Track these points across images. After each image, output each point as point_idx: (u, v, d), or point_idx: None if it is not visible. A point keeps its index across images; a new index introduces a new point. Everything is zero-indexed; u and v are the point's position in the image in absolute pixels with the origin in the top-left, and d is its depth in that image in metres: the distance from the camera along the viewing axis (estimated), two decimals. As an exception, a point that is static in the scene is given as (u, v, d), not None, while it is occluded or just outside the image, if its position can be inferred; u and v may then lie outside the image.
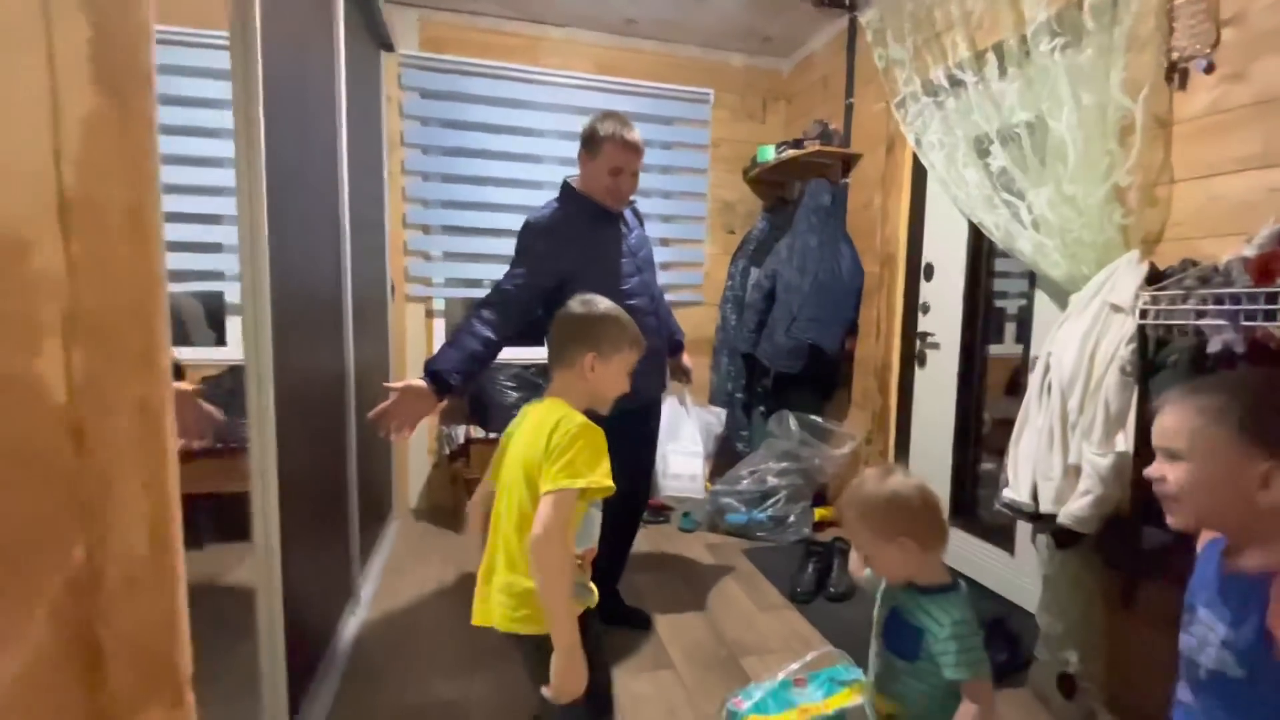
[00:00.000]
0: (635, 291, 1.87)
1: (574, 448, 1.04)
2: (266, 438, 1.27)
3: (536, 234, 1.82)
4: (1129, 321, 1.51)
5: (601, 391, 1.21)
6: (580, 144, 1.86)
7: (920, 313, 2.70)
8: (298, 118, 1.62)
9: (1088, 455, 1.49)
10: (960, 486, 2.53)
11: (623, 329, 1.21)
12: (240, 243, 1.23)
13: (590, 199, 1.85)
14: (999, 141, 2.04)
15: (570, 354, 1.18)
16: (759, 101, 3.47)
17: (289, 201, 1.50)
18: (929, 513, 1.07)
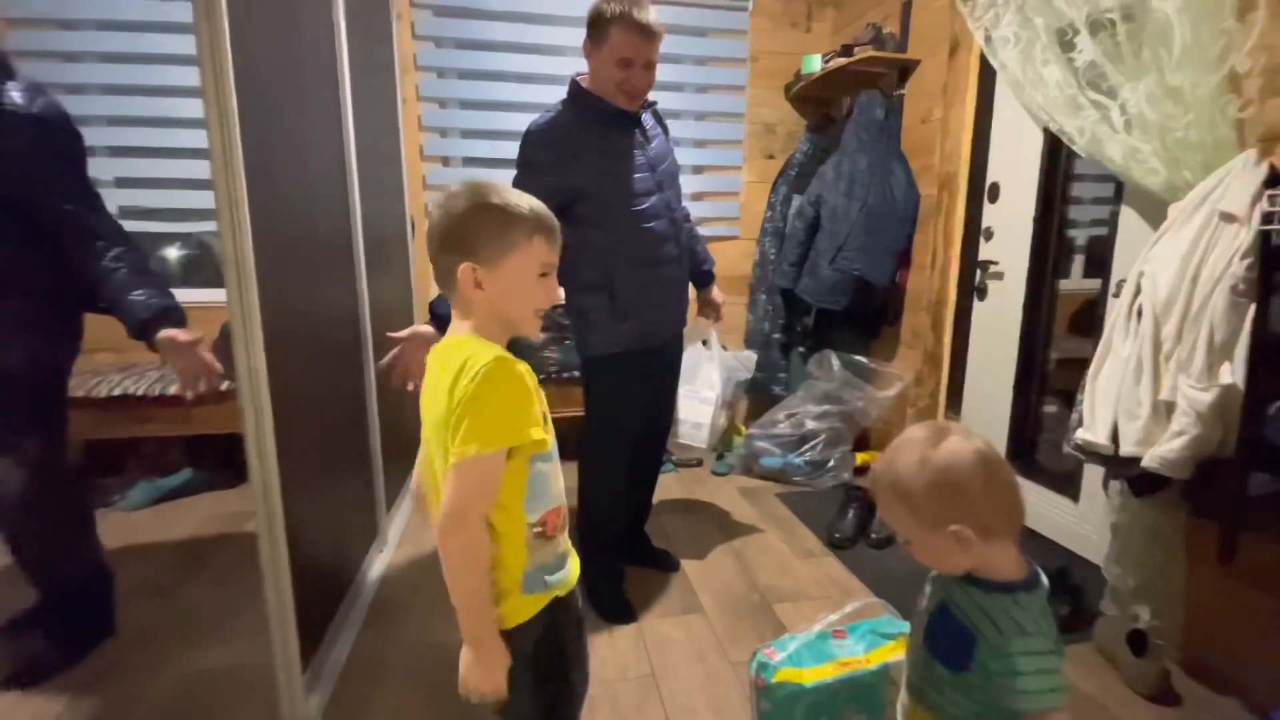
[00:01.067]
0: (654, 212, 1.66)
1: (479, 401, 0.78)
2: (256, 376, 1.19)
3: (538, 144, 1.57)
4: (1243, 232, 1.27)
5: (507, 310, 0.87)
6: (586, 29, 1.57)
7: (982, 239, 2.43)
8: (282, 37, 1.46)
9: (1185, 389, 1.29)
10: (1020, 430, 2.33)
11: (507, 216, 0.85)
12: (214, 175, 1.11)
13: (601, 99, 1.58)
14: (1087, 30, 1.74)
15: (445, 270, 0.86)
16: (804, 7, 3.12)
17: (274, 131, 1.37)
18: (996, 493, 0.78)
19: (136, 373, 2.56)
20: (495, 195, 0.86)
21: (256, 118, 1.24)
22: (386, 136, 2.53)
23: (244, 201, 1.16)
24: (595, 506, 1.79)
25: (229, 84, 1.11)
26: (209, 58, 1.09)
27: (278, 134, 1.41)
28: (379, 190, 2.32)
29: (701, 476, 2.83)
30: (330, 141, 1.84)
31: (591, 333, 1.66)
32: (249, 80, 1.19)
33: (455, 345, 0.84)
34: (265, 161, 1.29)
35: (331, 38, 1.85)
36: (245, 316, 1.18)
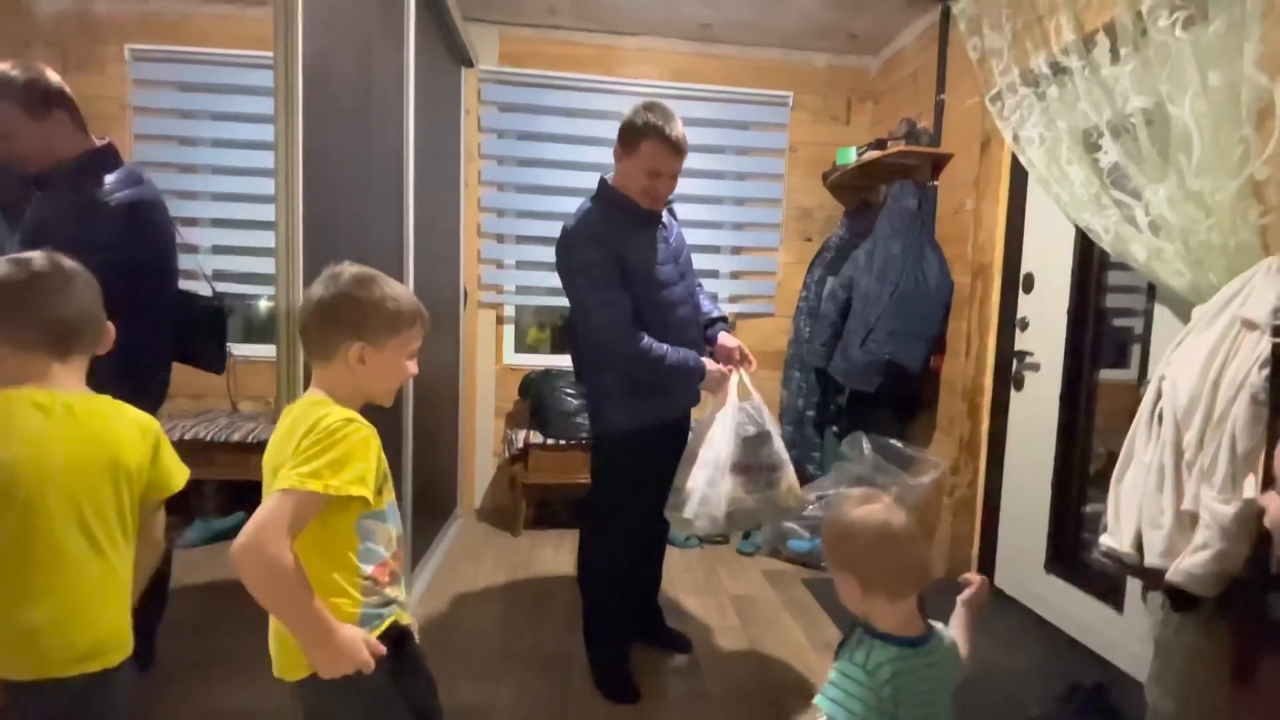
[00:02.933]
0: (678, 299, 1.75)
1: (316, 446, 0.84)
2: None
3: (585, 244, 1.64)
4: (1265, 341, 1.24)
5: (375, 386, 0.98)
6: (618, 137, 1.66)
7: (1018, 329, 2.41)
8: (355, 128, 1.69)
9: (1207, 501, 1.23)
10: (1060, 529, 2.22)
11: (398, 304, 0.97)
12: (276, 244, 1.29)
13: (627, 197, 1.68)
14: (1110, 133, 1.78)
15: (329, 344, 0.94)
16: (843, 102, 3.28)
17: (337, 207, 1.56)
18: (881, 556, 0.92)
19: (209, 418, 2.80)
20: (387, 287, 0.97)
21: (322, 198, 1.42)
22: (447, 214, 2.77)
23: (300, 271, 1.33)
24: (597, 581, 1.81)
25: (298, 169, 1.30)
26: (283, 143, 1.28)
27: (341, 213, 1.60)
28: (434, 261, 2.53)
29: (726, 555, 2.79)
30: (390, 217, 2.05)
31: (611, 410, 1.73)
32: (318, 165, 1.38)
33: (313, 404, 0.92)
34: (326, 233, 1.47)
35: (400, 128, 2.10)
36: (289, 374, 1.32)
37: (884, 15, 2.85)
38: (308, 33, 1.30)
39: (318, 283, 0.96)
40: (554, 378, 2.95)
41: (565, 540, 2.87)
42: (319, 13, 1.38)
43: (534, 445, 2.81)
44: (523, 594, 2.36)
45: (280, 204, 1.30)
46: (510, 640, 2.02)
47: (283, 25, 1.27)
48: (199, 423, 2.73)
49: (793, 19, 2.92)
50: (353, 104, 1.67)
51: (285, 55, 1.27)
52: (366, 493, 0.88)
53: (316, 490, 0.83)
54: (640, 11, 2.91)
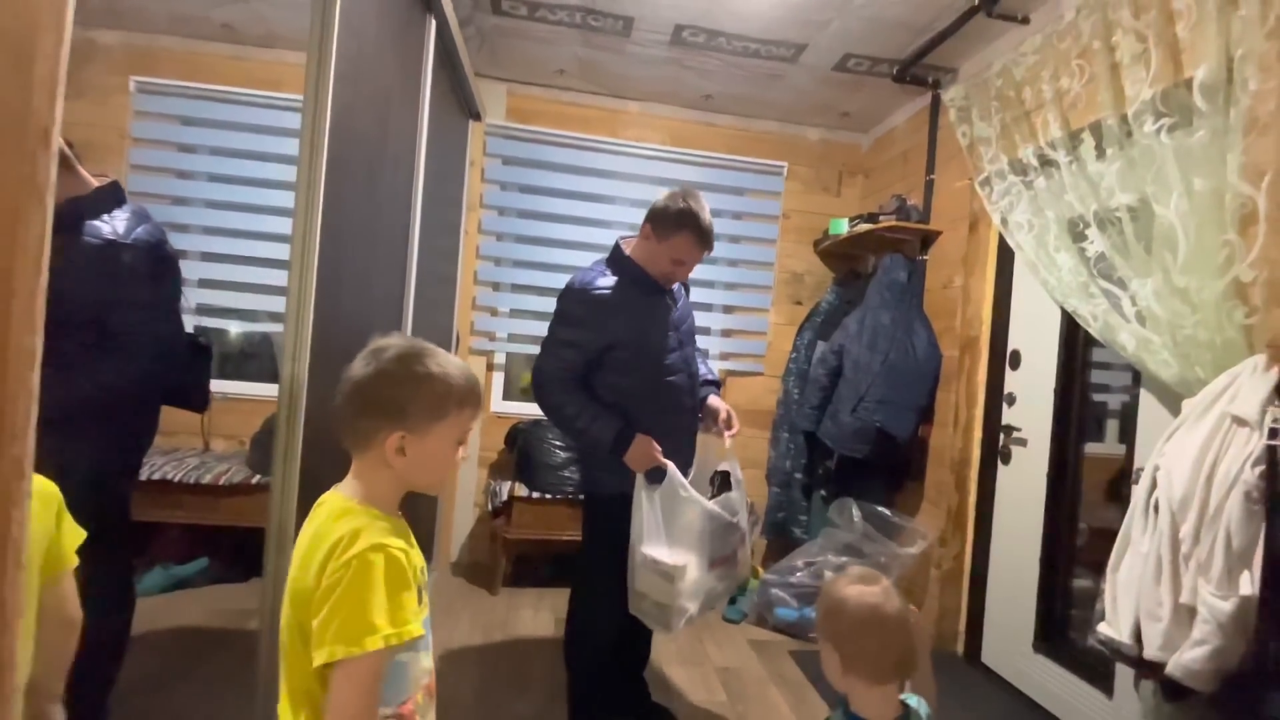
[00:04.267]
0: (675, 367, 1.76)
1: (356, 593, 0.72)
2: (290, 476, 1.27)
3: (580, 301, 1.67)
4: (1255, 438, 1.28)
5: (418, 478, 0.85)
6: (650, 217, 1.69)
7: (1005, 404, 2.46)
8: (370, 176, 1.69)
9: (1205, 596, 1.24)
10: (1048, 608, 2.21)
11: (447, 383, 0.82)
12: (289, 284, 1.27)
13: (642, 269, 1.72)
14: (1096, 225, 1.87)
15: (363, 432, 0.82)
16: (834, 174, 3.41)
17: (348, 251, 1.55)
18: (865, 636, 0.93)
19: (177, 458, 2.69)
20: (433, 363, 0.83)
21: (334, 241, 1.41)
22: (445, 261, 2.77)
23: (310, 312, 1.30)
24: (587, 649, 1.75)
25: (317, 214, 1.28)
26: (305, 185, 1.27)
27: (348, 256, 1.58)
28: (429, 307, 2.51)
29: (712, 623, 2.72)
30: (394, 267, 2.04)
31: (604, 471, 1.71)
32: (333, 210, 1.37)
33: (341, 512, 0.79)
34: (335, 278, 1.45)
35: (410, 177, 2.11)
36: (291, 419, 1.28)
37: (877, 97, 3.00)
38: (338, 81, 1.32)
39: (359, 359, 0.84)
40: (542, 428, 2.91)
41: (545, 600, 2.78)
42: (348, 62, 1.40)
43: (519, 498, 2.75)
44: (502, 659, 2.26)
45: (296, 247, 1.28)
46: (489, 712, 1.92)
47: (314, 73, 1.28)
48: (168, 462, 2.62)
49: (789, 96, 3.05)
50: (370, 151, 1.68)
51: (315, 101, 1.27)
52: (418, 628, 0.78)
53: (380, 648, 0.72)
54: (645, 80, 3.02)
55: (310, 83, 1.30)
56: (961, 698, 2.20)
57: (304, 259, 1.31)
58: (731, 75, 2.89)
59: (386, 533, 0.78)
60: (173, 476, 2.52)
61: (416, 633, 0.77)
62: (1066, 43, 2.02)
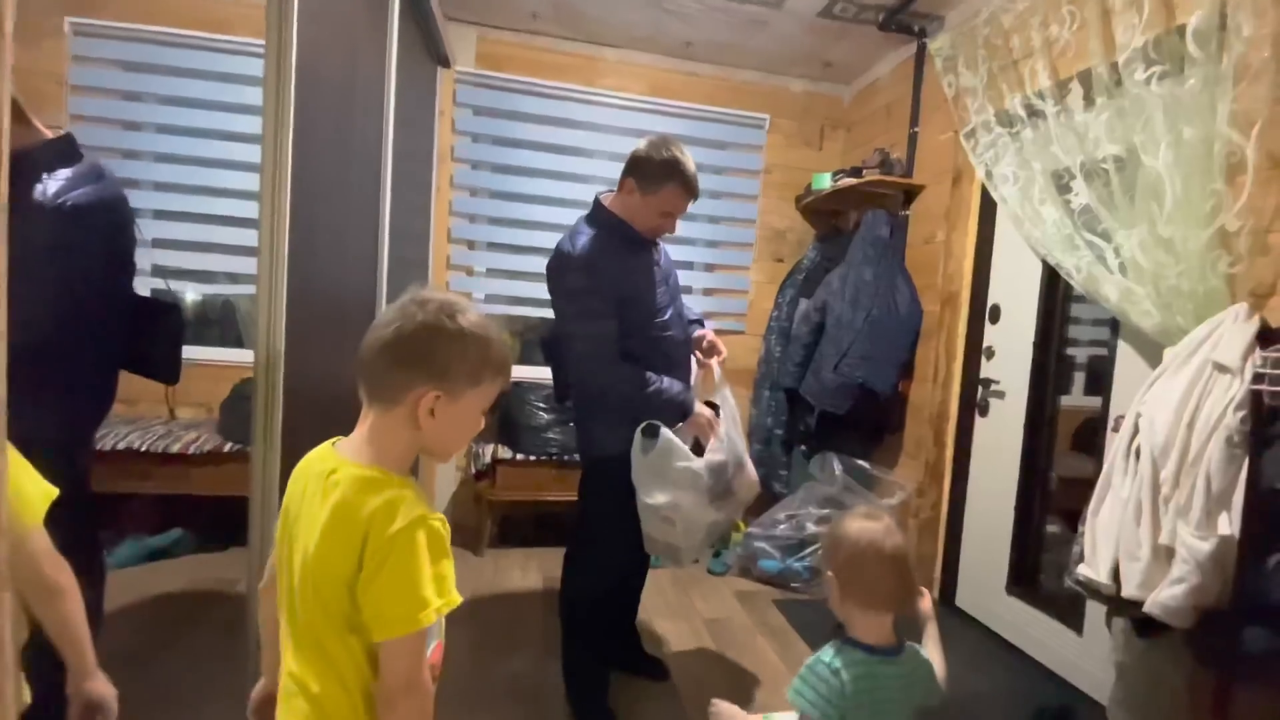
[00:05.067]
0: (669, 323, 1.72)
1: (410, 571, 0.70)
2: (272, 442, 1.22)
3: (583, 268, 1.58)
4: (1236, 384, 1.31)
5: (437, 443, 0.80)
6: (631, 169, 1.61)
7: (984, 357, 2.50)
8: (339, 126, 1.59)
9: (1184, 537, 1.29)
10: (1021, 552, 2.30)
11: (486, 348, 0.78)
12: (260, 244, 1.20)
13: (626, 224, 1.65)
14: (1082, 176, 1.86)
15: (395, 387, 0.76)
16: (817, 128, 3.35)
17: (320, 208, 1.46)
18: (860, 567, 1.01)
19: (142, 426, 2.58)
20: (479, 323, 0.78)
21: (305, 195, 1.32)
22: (418, 218, 2.66)
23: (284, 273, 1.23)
24: (581, 606, 1.75)
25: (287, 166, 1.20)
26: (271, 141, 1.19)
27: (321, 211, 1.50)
28: (403, 267, 2.42)
29: (697, 575, 2.77)
30: (367, 222, 1.95)
31: (602, 433, 1.68)
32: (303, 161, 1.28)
33: (366, 483, 0.74)
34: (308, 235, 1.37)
35: (380, 128, 1.99)
36: (269, 385, 1.22)
37: (861, 46, 2.93)
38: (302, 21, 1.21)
39: (395, 307, 0.78)
40: (525, 390, 2.87)
41: (531, 559, 2.79)
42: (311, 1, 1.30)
43: (502, 460, 2.72)
44: (492, 619, 2.26)
45: (265, 203, 1.20)
46: (483, 670, 1.93)
47: (277, 12, 1.18)
48: (133, 431, 2.51)
49: (773, 44, 2.96)
50: (337, 99, 1.57)
51: (279, 44, 1.17)
52: (457, 595, 0.76)
53: (433, 620, 0.73)
54: (623, 25, 2.89)
55: (273, 22, 1.19)
56: (938, 639, 2.29)
57: (275, 215, 1.23)
58: (714, 21, 2.78)
59: (419, 503, 0.75)
60: (139, 446, 2.42)
61: (458, 600, 0.75)
62: (1057, -12, 1.98)
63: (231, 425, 2.55)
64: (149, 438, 2.47)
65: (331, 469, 0.77)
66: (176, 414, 2.84)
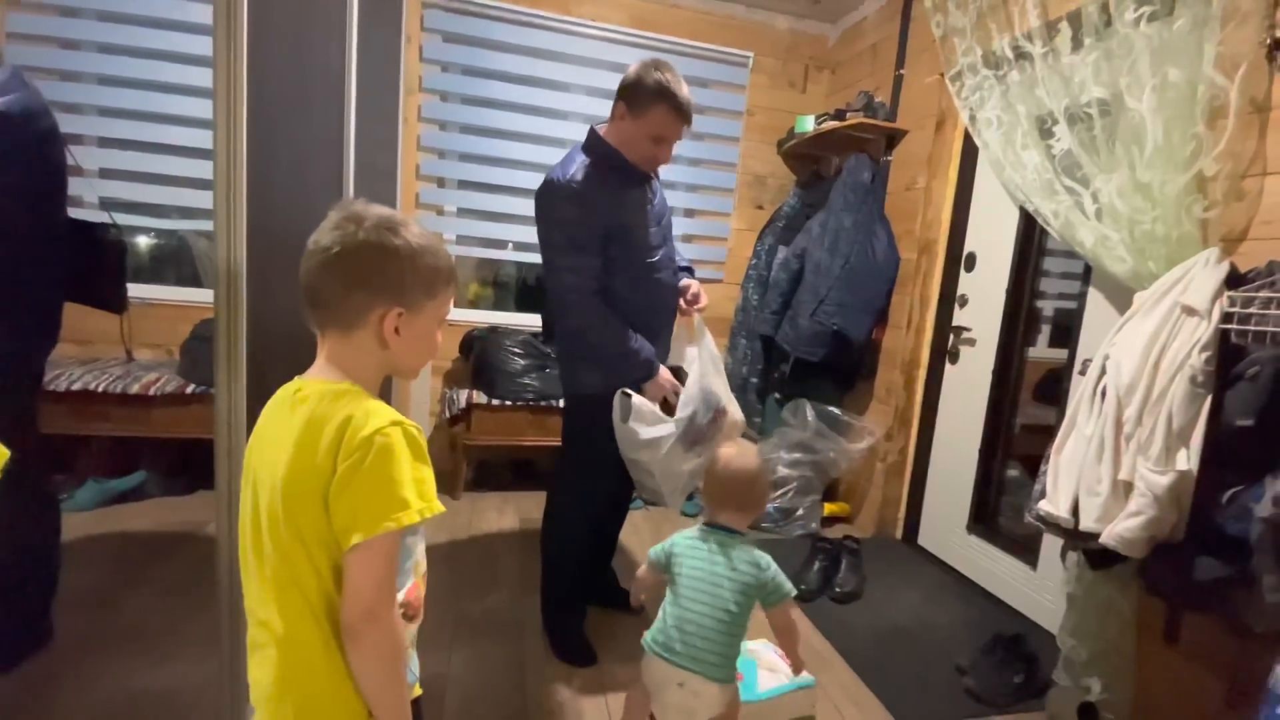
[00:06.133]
0: (661, 264, 1.69)
1: (380, 474, 0.68)
2: (236, 382, 1.17)
3: (572, 196, 1.52)
4: (1204, 326, 1.34)
5: (404, 361, 0.80)
6: (621, 93, 1.54)
7: (957, 305, 2.53)
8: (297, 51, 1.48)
9: (1143, 471, 1.34)
10: (983, 494, 2.39)
11: (435, 258, 0.77)
12: (216, 177, 1.12)
13: (620, 154, 1.58)
14: (1065, 121, 1.85)
15: (353, 310, 0.74)
16: (800, 69, 3.26)
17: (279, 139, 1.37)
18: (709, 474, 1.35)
19: (99, 368, 2.48)
20: (421, 233, 0.77)
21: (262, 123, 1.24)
22: (384, 153, 2.53)
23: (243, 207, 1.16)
24: (562, 543, 1.77)
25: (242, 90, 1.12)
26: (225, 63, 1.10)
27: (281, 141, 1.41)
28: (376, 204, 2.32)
29: (670, 515, 2.82)
30: (331, 155, 1.84)
31: (590, 371, 1.66)
32: (259, 86, 1.20)
33: (337, 394, 0.72)
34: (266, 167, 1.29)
35: (342, 54, 1.87)
36: (232, 321, 1.18)
37: (849, -18, 2.82)
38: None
39: (329, 227, 0.74)
40: (500, 336, 2.82)
41: (508, 503, 2.80)
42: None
43: (478, 405, 2.69)
44: (469, 559, 2.28)
45: (220, 131, 1.11)
46: (461, 608, 1.95)
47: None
48: (88, 371, 2.41)
49: (759, -25, 2.84)
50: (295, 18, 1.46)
51: None
52: (439, 504, 0.74)
53: (405, 525, 0.69)
54: (603, -52, 2.73)
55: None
56: (900, 574, 2.39)
57: (231, 146, 1.14)
58: (697, -52, 2.64)
59: (393, 411, 0.73)
60: (95, 387, 2.33)
61: (440, 509, 0.73)
62: (1053, -79, 1.92)
63: (192, 366, 2.46)
64: (106, 379, 2.37)
65: (298, 388, 0.76)
66: (134, 355, 2.73)
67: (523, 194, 2.99)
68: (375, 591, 0.68)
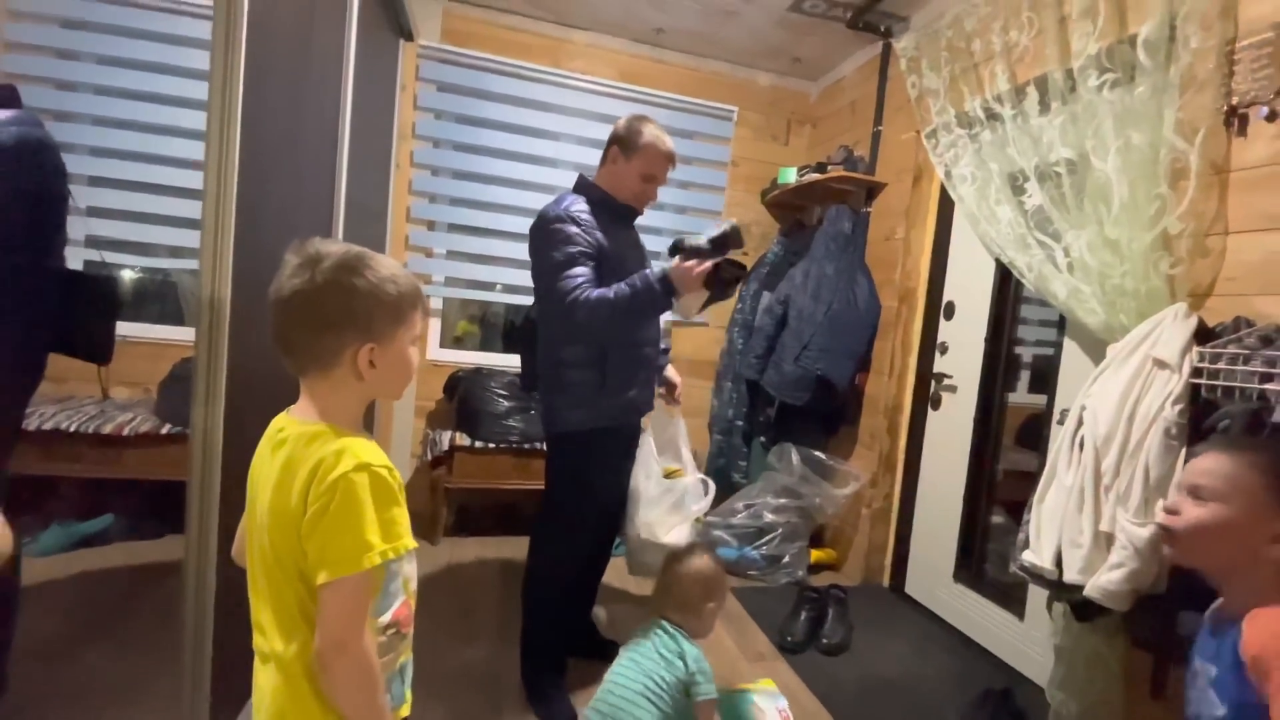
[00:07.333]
0: None
1: (347, 514, 0.71)
2: (213, 423, 1.16)
3: (566, 219, 1.60)
4: (1175, 379, 1.37)
5: (384, 388, 0.82)
6: (612, 141, 1.71)
7: (938, 352, 2.57)
8: (292, 96, 1.51)
9: (1123, 523, 1.35)
10: (969, 541, 2.38)
11: (397, 285, 0.79)
12: (204, 215, 1.13)
13: (611, 196, 1.70)
14: (1036, 179, 1.93)
15: (327, 351, 0.77)
16: (783, 122, 3.38)
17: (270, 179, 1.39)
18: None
19: (73, 406, 2.43)
20: (381, 266, 0.79)
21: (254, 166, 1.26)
22: (375, 196, 2.57)
23: (229, 247, 1.17)
24: (544, 586, 1.74)
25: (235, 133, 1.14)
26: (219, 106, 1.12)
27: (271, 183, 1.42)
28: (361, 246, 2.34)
29: (654, 563, 2.77)
30: (321, 198, 1.87)
31: (573, 408, 1.66)
32: (252, 128, 1.22)
33: (313, 436, 0.75)
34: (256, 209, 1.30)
35: (337, 101, 1.91)
36: (212, 361, 1.17)
37: (828, 43, 2.96)
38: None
39: (288, 275, 0.76)
40: (484, 377, 2.82)
41: (488, 548, 2.74)
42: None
43: (460, 448, 2.66)
44: (447, 608, 2.22)
45: (211, 171, 1.13)
46: (437, 659, 1.88)
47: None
48: (61, 410, 2.36)
49: (743, 35, 2.97)
50: (291, 66, 1.50)
51: (228, 6, 1.11)
52: (413, 541, 0.78)
53: (377, 564, 0.72)
54: (593, 7, 2.85)
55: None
56: (887, 624, 2.35)
57: (221, 186, 1.16)
58: (684, 8, 2.77)
59: (367, 451, 0.76)
60: (67, 427, 2.27)
61: (411, 545, 0.77)
62: (1019, -6, 2.04)
63: (170, 406, 2.42)
64: (79, 418, 2.32)
65: (281, 428, 0.80)
66: (110, 393, 2.68)
67: (511, 237, 3.03)
68: (343, 626, 0.72)
